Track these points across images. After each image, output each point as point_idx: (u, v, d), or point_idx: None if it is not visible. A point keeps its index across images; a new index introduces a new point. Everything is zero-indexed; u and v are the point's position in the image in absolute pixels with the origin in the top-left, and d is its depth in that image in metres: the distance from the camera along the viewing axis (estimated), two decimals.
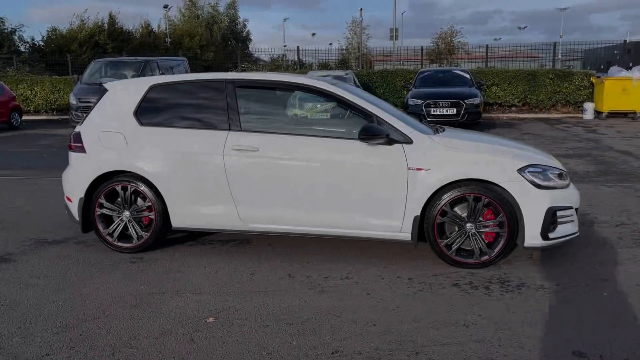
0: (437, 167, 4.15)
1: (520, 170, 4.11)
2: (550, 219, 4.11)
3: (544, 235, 4.12)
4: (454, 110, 12.75)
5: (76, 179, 4.70)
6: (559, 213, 4.18)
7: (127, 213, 4.62)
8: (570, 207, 4.25)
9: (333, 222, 4.32)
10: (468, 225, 4.17)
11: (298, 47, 22.01)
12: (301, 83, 4.55)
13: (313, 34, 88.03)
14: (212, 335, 3.13)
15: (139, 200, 4.64)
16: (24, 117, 17.89)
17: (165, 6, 39.73)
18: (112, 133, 4.63)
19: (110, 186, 4.61)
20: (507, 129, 13.70)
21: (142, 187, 4.55)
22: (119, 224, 4.64)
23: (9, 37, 24.99)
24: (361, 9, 36.53)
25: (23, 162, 10.08)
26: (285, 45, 56.79)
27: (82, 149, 4.69)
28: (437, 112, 12.81)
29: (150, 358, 2.90)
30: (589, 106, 16.09)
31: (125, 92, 4.76)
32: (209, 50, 36.43)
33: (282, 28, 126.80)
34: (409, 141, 4.22)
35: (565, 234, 4.25)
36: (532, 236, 4.13)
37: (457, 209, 4.22)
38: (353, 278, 4.03)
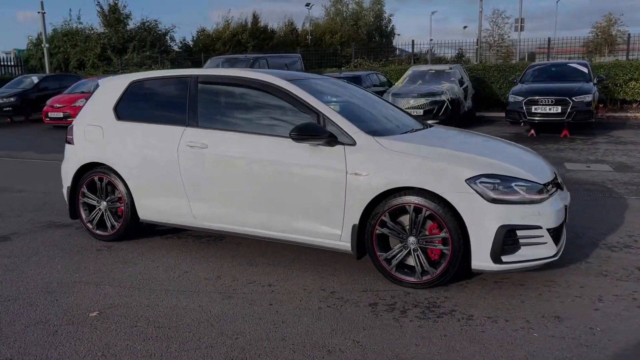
0: (376, 172, 3.75)
1: (470, 180, 3.55)
2: (504, 240, 3.50)
3: (495, 257, 3.52)
4: (558, 109, 11.41)
5: (66, 169, 5.06)
6: (519, 233, 3.53)
7: (104, 203, 4.86)
8: (538, 227, 3.56)
9: (276, 225, 4.12)
10: (410, 239, 3.71)
11: (413, 40, 21.57)
12: (251, 78, 4.38)
13: (465, 27, 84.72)
14: (77, 329, 3.17)
15: (116, 191, 4.85)
16: None
17: (307, 4, 41.00)
18: (94, 127, 4.89)
19: (90, 177, 4.88)
20: (635, 131, 11.94)
21: (114, 180, 4.75)
22: (97, 212, 4.90)
23: (162, 38, 27.58)
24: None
25: None
26: (431, 40, 55.40)
27: (71, 141, 5.03)
28: (539, 111, 11.57)
29: (11, 346, 3.01)
30: None
31: (110, 88, 5.00)
32: (350, 47, 36.92)
33: (431, 21, 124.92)
34: (351, 143, 3.87)
35: (531, 258, 3.58)
36: (480, 258, 3.55)
37: (401, 220, 3.78)
38: (276, 285, 3.81)
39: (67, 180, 5.03)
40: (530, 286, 3.75)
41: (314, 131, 3.86)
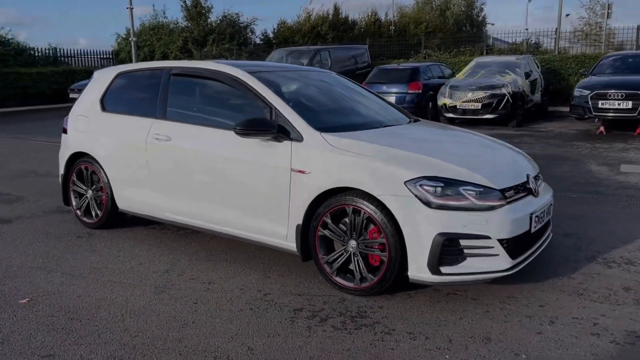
0: (320, 170, 3.54)
1: (409, 183, 3.24)
2: (443, 249, 3.17)
3: (433, 268, 3.20)
4: (628, 104, 10.34)
5: (60, 157, 5.26)
6: (463, 242, 3.19)
7: (90, 192, 5.00)
8: (485, 237, 3.19)
9: (228, 221, 4.03)
10: (351, 242, 3.47)
11: (486, 30, 20.44)
12: (213, 69, 4.28)
13: (567, 15, 79.29)
14: None
15: (99, 181, 4.96)
16: None
17: None
18: (83, 117, 5.04)
19: (78, 166, 5.04)
20: None
21: (97, 170, 4.86)
22: (85, 200, 5.05)
23: (242, 30, 28.23)
24: None
25: None
26: (527, 29, 52.51)
27: (66, 131, 5.21)
28: (607, 106, 10.55)
29: None
30: None
31: (101, 79, 5.11)
32: (436, 37, 35.89)
33: (527, 9, 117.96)
34: (299, 138, 3.68)
35: (477, 271, 3.23)
36: (417, 267, 3.24)
37: (344, 222, 3.53)
38: (216, 283, 3.71)
39: (61, 168, 5.23)
40: (482, 301, 3.38)
41: (257, 126, 3.71)
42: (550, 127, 12.62)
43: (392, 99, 13.57)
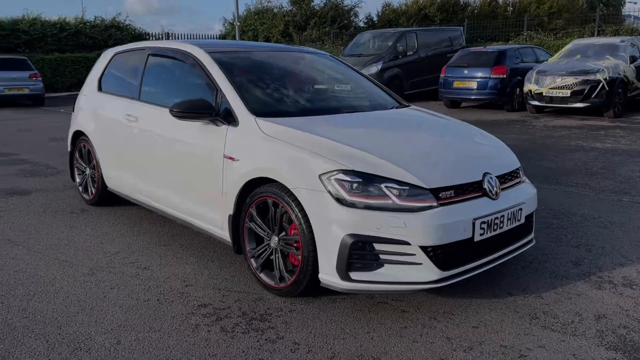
0: (247, 157, 3.28)
1: (324, 176, 2.88)
2: (353, 252, 2.78)
3: (341, 272, 2.83)
4: None
5: (69, 135, 5.45)
6: (378, 246, 2.78)
7: (88, 169, 5.13)
8: (404, 242, 2.76)
9: (177, 205, 3.91)
10: (274, 238, 3.19)
11: (622, 9, 18.30)
12: (176, 48, 4.14)
13: None
14: None
15: (93, 160, 5.07)
16: None
17: None
18: (84, 96, 5.18)
19: (79, 144, 5.20)
20: None
21: (91, 148, 4.96)
22: (84, 177, 5.19)
23: (345, 14, 27.99)
24: None
25: None
26: None
27: (73, 109, 5.39)
28: None
29: None
30: None
31: (103, 59, 5.20)
32: (561, 18, 33.16)
33: None
34: (235, 123, 3.44)
35: (394, 280, 2.80)
36: (327, 270, 2.89)
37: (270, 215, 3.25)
38: (149, 269, 3.60)
39: (68, 145, 5.42)
40: (410, 315, 2.95)
41: (192, 109, 3.50)
42: None
43: (473, 84, 12.69)
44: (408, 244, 2.75)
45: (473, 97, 12.93)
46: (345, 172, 2.85)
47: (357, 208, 2.78)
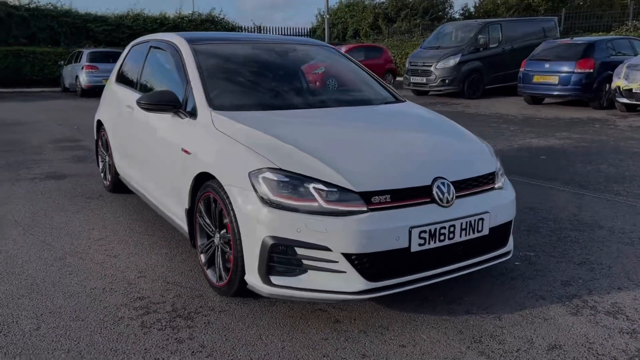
0: (199, 151, 3.22)
1: (253, 174, 2.74)
2: (272, 255, 2.63)
3: (262, 276, 2.68)
4: None
5: (94, 124, 5.69)
6: (300, 251, 2.61)
7: (107, 157, 5.34)
8: (324, 248, 2.56)
9: (155, 196, 3.94)
10: (217, 235, 3.10)
11: None
12: (164, 39, 4.18)
13: None
14: None
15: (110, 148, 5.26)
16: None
17: None
18: (106, 87, 5.38)
19: (99, 133, 5.42)
20: None
21: (107, 137, 5.16)
22: (104, 164, 5.41)
23: (440, 5, 27.15)
24: None
25: None
26: None
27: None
28: None
29: None
30: None
31: (125, 51, 5.36)
32: None
33: None
34: (194, 116, 3.39)
35: (315, 288, 2.61)
36: (251, 272, 2.75)
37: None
38: (118, 257, 3.65)
39: (94, 133, 5.68)
40: (338, 327, 2.73)
41: (157, 101, 3.50)
42: None
43: (554, 79, 11.75)
44: (329, 249, 2.54)
45: (555, 93, 11.97)
46: (273, 170, 2.69)
47: (280, 209, 2.62)
